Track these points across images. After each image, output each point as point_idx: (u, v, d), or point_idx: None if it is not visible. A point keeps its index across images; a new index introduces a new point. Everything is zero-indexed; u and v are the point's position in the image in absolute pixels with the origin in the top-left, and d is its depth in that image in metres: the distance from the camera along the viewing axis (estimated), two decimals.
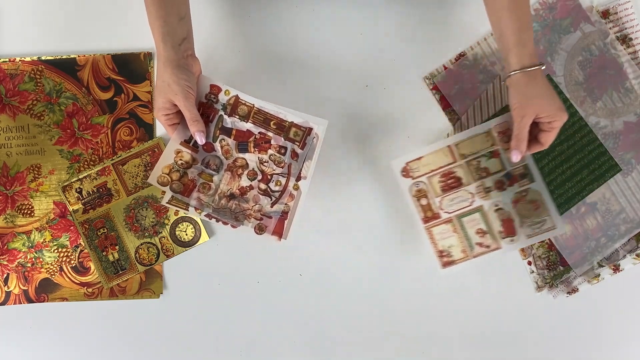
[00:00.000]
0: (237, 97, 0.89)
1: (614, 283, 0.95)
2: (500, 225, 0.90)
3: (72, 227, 0.93)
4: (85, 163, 0.94)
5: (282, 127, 0.89)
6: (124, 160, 0.93)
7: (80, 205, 0.93)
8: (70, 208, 0.93)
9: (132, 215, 0.93)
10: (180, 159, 0.88)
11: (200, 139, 0.85)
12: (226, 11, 0.96)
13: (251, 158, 0.89)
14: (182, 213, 0.93)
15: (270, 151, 0.89)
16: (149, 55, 0.94)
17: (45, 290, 0.93)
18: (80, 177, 0.93)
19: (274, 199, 0.88)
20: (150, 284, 0.94)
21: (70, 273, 0.93)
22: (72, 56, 0.94)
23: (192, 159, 0.89)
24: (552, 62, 0.95)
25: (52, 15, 0.95)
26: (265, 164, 0.89)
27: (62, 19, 0.95)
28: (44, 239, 0.93)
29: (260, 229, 0.88)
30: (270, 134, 0.89)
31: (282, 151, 0.89)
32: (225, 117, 0.89)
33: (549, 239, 0.95)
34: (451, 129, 0.96)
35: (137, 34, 0.95)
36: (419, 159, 0.91)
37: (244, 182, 0.89)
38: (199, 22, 0.87)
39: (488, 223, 0.90)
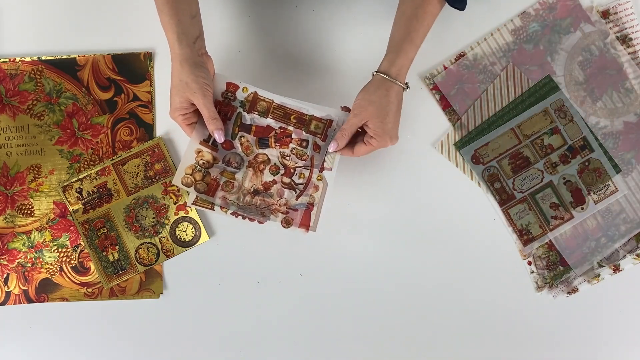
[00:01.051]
0: (255, 93, 0.88)
1: (614, 283, 0.95)
2: (571, 196, 0.95)
3: (72, 227, 0.93)
4: (85, 163, 0.94)
5: (303, 121, 0.88)
6: (124, 160, 0.93)
7: (80, 205, 0.93)
8: (70, 208, 0.93)
9: (132, 215, 0.93)
10: (202, 159, 0.88)
11: (219, 137, 0.85)
12: (226, 11, 0.96)
13: (272, 153, 0.89)
14: (182, 213, 0.94)
15: (291, 145, 0.88)
16: (149, 55, 0.94)
17: (45, 290, 0.93)
18: (80, 177, 0.93)
19: (298, 191, 0.88)
20: (150, 284, 0.94)
21: (70, 273, 0.93)
22: (72, 56, 0.94)
23: (213, 158, 0.88)
24: (552, 62, 0.95)
25: (52, 15, 0.95)
26: (287, 157, 0.88)
27: (62, 19, 0.95)
28: (44, 239, 0.93)
29: (287, 223, 0.88)
30: (290, 128, 0.88)
31: (304, 144, 0.88)
32: (244, 114, 0.88)
33: (549, 240, 0.95)
34: (451, 129, 0.96)
35: (137, 34, 0.95)
36: (486, 144, 0.95)
37: (267, 177, 0.88)
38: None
39: (559, 196, 0.95)
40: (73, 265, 0.93)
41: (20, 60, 0.94)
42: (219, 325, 0.94)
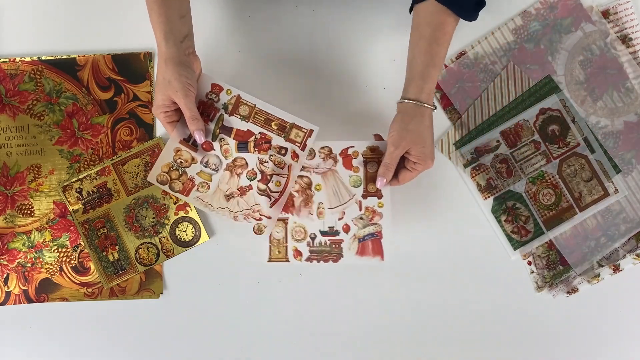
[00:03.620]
0: (238, 96, 0.89)
1: (614, 283, 0.95)
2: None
3: (72, 227, 0.93)
4: (85, 163, 0.94)
5: (284, 128, 0.89)
6: (124, 160, 0.93)
7: (80, 205, 0.93)
8: (70, 208, 0.93)
9: (132, 215, 0.93)
10: (180, 158, 0.88)
11: (199, 138, 0.85)
12: (225, 11, 0.95)
13: (251, 158, 0.89)
14: (182, 213, 0.94)
15: (270, 151, 0.89)
16: (149, 55, 0.94)
17: (45, 290, 0.93)
18: (80, 177, 0.93)
19: (273, 199, 0.88)
20: (150, 284, 0.94)
21: (70, 273, 0.93)
22: (72, 56, 0.94)
23: (192, 158, 0.89)
24: (553, 61, 0.95)
25: (52, 15, 0.95)
26: (264, 164, 0.88)
27: (62, 19, 0.95)
28: (44, 239, 0.93)
29: (259, 230, 0.88)
30: (271, 134, 0.89)
31: (283, 152, 0.89)
32: (226, 116, 0.89)
33: (549, 240, 0.95)
34: (451, 128, 0.95)
35: (137, 34, 0.95)
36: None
37: (244, 181, 0.89)
38: (197, 22, 0.87)
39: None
40: (73, 265, 0.93)
41: (20, 60, 0.94)
42: (219, 325, 0.94)
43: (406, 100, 0.83)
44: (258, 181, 0.89)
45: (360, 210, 0.88)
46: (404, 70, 0.85)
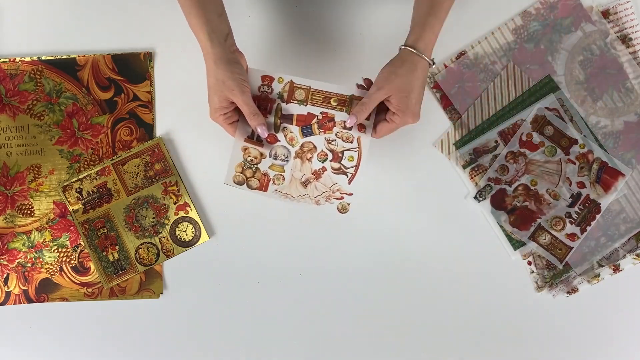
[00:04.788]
0: (291, 82, 0.87)
1: (614, 283, 0.95)
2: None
3: (72, 227, 0.93)
4: (85, 163, 0.94)
5: (344, 102, 0.86)
6: (124, 160, 0.93)
7: (80, 205, 0.93)
8: (70, 208, 0.93)
9: (132, 215, 0.93)
10: (249, 156, 0.87)
11: (262, 132, 0.83)
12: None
13: (318, 140, 0.87)
14: (182, 213, 0.94)
15: (335, 129, 0.87)
16: (149, 55, 0.94)
17: (45, 290, 0.93)
18: (80, 177, 0.93)
19: (350, 175, 0.87)
20: (150, 284, 0.94)
21: (70, 273, 0.93)
22: (72, 56, 0.94)
23: (260, 154, 0.87)
24: (553, 61, 0.95)
25: (52, 15, 0.95)
26: (333, 142, 0.87)
27: (62, 19, 0.95)
28: (44, 239, 0.93)
29: (344, 209, 0.87)
30: (332, 111, 0.87)
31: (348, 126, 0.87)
32: (283, 105, 0.87)
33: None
34: (451, 128, 0.96)
35: (137, 34, 0.95)
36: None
37: (316, 165, 0.87)
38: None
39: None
40: (73, 265, 0.93)
41: (20, 60, 0.94)
42: (219, 325, 0.94)
43: (403, 47, 0.82)
44: (330, 161, 0.87)
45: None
46: None
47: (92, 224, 0.93)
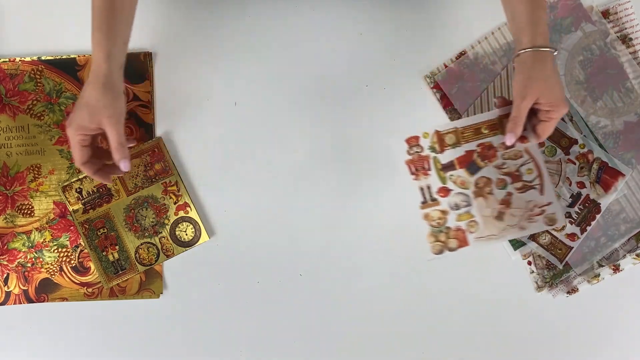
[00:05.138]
0: (437, 131, 0.85)
1: (614, 283, 0.95)
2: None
3: (72, 227, 0.93)
4: None
5: (494, 126, 0.85)
6: None
7: (80, 205, 0.93)
8: (70, 208, 0.93)
9: (132, 215, 0.93)
10: (432, 221, 0.86)
11: (125, 166, 0.80)
12: (223, 11, 0.95)
13: (488, 171, 0.85)
14: (182, 213, 0.93)
15: (498, 153, 0.85)
16: (149, 55, 0.94)
17: (45, 290, 0.93)
18: (80, 177, 0.93)
19: (537, 186, 0.85)
20: (150, 284, 0.94)
21: (70, 273, 0.93)
22: (72, 56, 0.94)
23: (442, 212, 0.85)
24: None
25: (52, 15, 0.95)
26: (503, 166, 0.85)
27: (62, 19, 0.95)
28: (44, 239, 0.93)
29: (552, 221, 0.85)
30: (488, 139, 0.85)
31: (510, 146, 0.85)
32: (439, 155, 0.85)
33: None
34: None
35: (137, 34, 0.94)
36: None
37: (499, 195, 0.85)
38: (195, 19, 0.87)
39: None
40: (73, 265, 0.93)
41: (20, 60, 0.94)
42: (219, 325, 0.94)
43: (522, 51, 0.78)
44: (511, 184, 0.85)
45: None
46: (404, 70, 0.84)
47: (92, 224, 0.93)
